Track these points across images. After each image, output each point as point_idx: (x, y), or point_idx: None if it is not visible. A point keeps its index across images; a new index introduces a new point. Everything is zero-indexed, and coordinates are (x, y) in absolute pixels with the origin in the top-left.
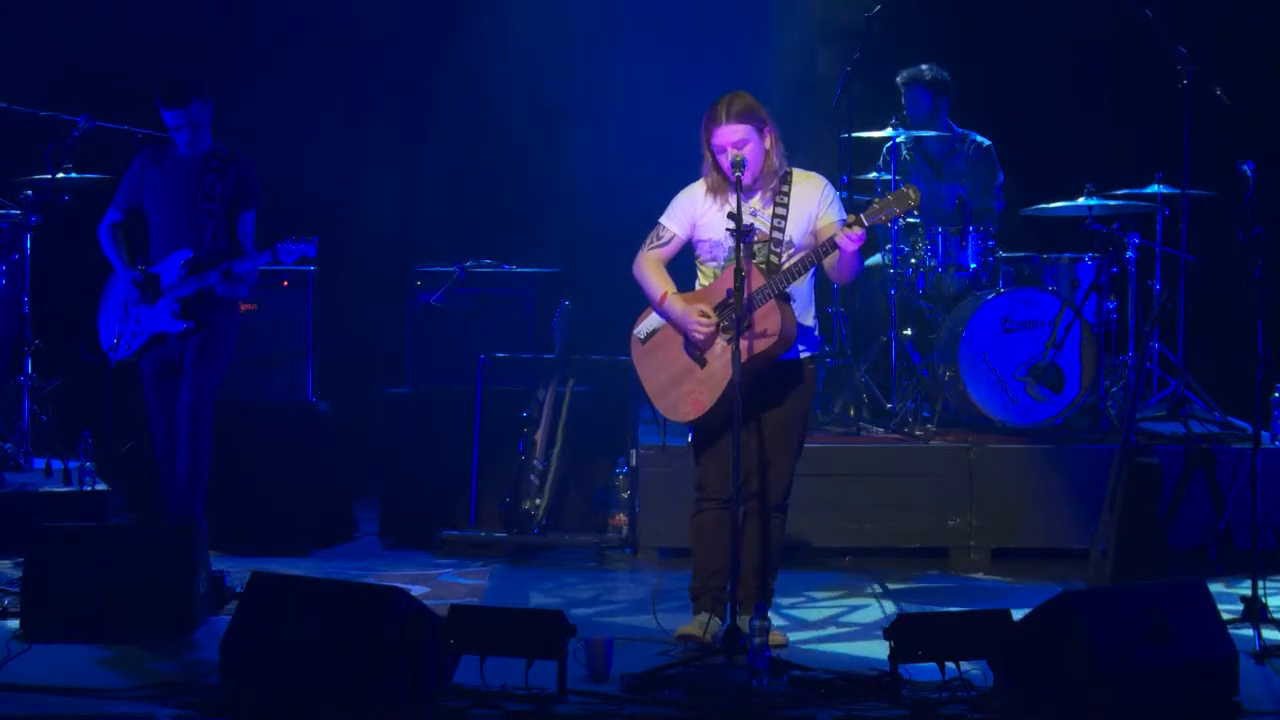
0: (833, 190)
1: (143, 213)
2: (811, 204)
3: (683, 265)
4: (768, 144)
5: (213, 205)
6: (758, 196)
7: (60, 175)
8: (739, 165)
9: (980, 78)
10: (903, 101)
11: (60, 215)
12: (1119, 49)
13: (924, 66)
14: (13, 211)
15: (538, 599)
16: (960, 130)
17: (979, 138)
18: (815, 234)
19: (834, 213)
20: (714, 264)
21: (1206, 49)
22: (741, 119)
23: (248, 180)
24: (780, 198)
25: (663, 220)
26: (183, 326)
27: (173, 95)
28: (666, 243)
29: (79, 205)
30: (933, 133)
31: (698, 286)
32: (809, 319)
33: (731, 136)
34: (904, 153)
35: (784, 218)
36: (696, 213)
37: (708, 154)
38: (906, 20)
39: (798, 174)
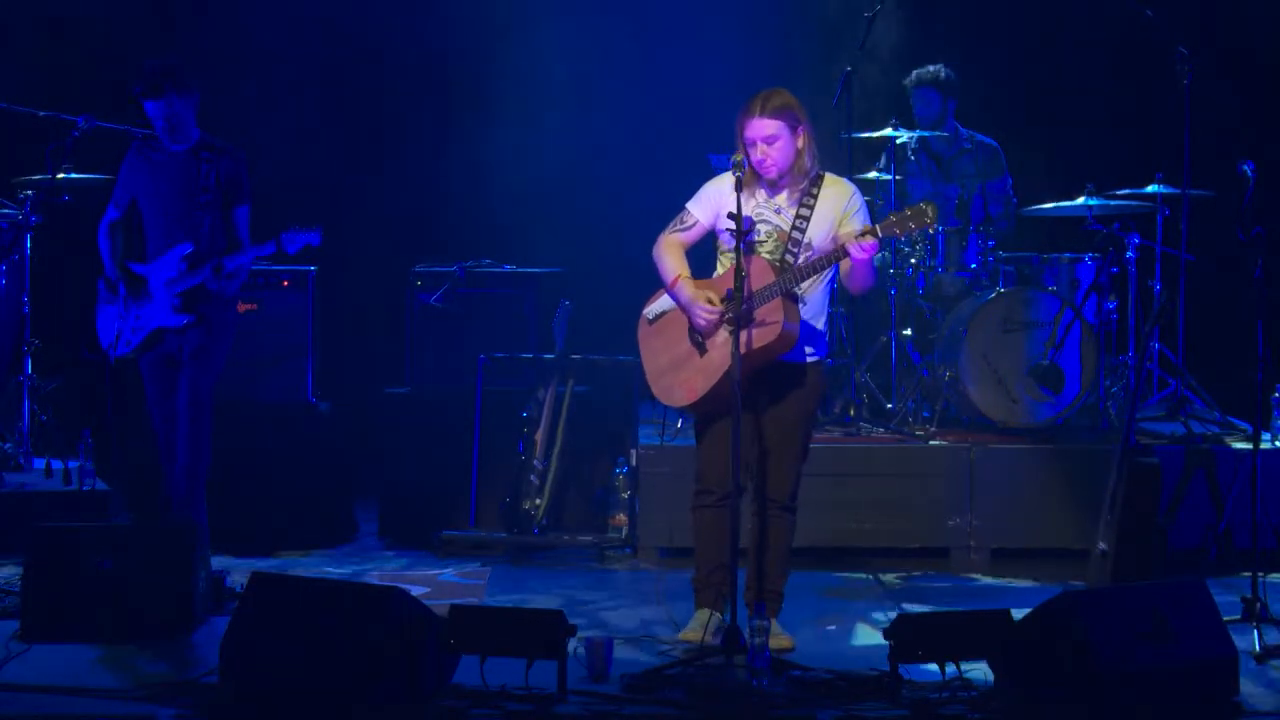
0: (860, 199)
1: (138, 208)
2: (837, 209)
3: (699, 254)
4: (800, 143)
5: (207, 197)
6: (784, 194)
7: (60, 175)
8: (738, 165)
9: (980, 78)
10: (911, 103)
11: (60, 215)
12: (1119, 49)
13: (934, 68)
14: (13, 211)
15: (538, 599)
16: (965, 130)
17: (987, 139)
18: (835, 239)
19: (856, 221)
20: (733, 253)
21: (1207, 49)
22: (775, 114)
23: (239, 176)
24: (808, 199)
25: (689, 205)
26: (184, 320)
27: (148, 87)
28: (689, 228)
29: (79, 205)
30: (938, 133)
31: (716, 274)
32: (820, 324)
33: (763, 130)
34: (909, 153)
35: (807, 219)
36: (724, 203)
37: (741, 146)
38: (907, 20)
39: (829, 178)
